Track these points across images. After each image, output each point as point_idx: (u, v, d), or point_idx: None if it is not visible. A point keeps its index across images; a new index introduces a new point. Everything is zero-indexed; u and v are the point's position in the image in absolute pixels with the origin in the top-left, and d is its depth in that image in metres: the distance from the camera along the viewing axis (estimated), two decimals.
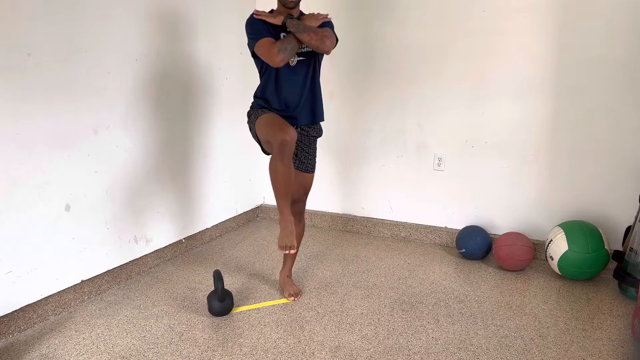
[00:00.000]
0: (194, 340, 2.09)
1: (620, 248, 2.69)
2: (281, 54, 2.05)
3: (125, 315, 2.30)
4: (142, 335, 2.13)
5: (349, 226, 3.55)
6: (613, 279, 2.62)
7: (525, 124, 2.94)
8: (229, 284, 2.60)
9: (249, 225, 3.66)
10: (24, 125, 2.08)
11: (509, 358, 1.96)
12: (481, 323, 2.24)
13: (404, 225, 3.38)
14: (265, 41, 2.11)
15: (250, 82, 2.57)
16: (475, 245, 2.95)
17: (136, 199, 2.68)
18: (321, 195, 3.54)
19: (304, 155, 2.36)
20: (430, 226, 3.31)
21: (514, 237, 2.82)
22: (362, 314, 2.32)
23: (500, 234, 3.02)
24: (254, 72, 2.34)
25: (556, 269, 2.68)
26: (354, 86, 3.36)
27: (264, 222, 3.75)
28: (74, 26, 2.25)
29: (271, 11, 2.25)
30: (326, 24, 2.23)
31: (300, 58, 2.22)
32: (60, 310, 2.32)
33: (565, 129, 2.85)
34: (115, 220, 2.56)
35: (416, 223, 3.37)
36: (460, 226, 3.21)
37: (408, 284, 2.65)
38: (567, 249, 2.58)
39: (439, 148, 3.20)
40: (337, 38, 2.25)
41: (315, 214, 3.62)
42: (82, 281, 2.42)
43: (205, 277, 2.71)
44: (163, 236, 2.91)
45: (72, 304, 2.38)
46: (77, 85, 2.29)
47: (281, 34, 2.17)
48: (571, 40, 2.76)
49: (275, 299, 2.47)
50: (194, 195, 3.14)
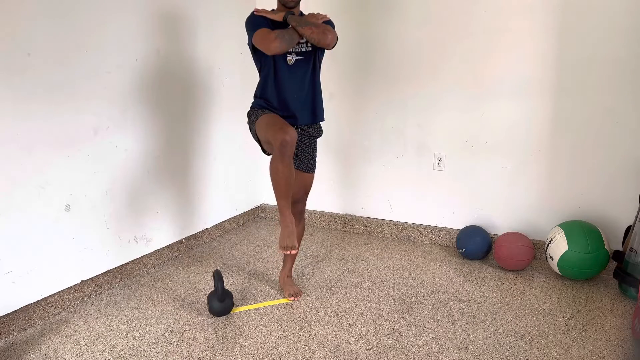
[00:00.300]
0: (194, 340, 2.09)
1: (620, 248, 2.69)
2: (278, 40, 2.01)
3: (125, 315, 2.30)
4: (142, 335, 2.13)
5: (349, 226, 3.55)
6: (613, 279, 2.63)
7: (525, 123, 2.94)
8: (229, 284, 2.60)
9: (249, 225, 3.66)
10: (24, 125, 2.08)
11: (509, 358, 1.96)
12: (481, 323, 2.24)
13: (404, 225, 3.38)
14: (262, 30, 2.09)
15: (250, 82, 2.57)
16: (475, 245, 2.95)
17: (136, 199, 2.68)
18: (321, 195, 3.54)
19: (304, 156, 2.36)
20: (430, 226, 3.32)
21: (514, 237, 2.82)
22: (362, 314, 2.32)
23: (500, 234, 3.03)
24: (254, 72, 2.33)
25: (556, 269, 2.68)
26: (354, 86, 3.36)
27: (264, 222, 3.75)
28: (74, 26, 2.24)
29: (272, 11, 2.25)
30: (327, 23, 2.22)
31: (299, 57, 2.21)
32: (60, 310, 2.32)
33: (565, 129, 2.85)
34: (115, 220, 2.56)
35: (416, 223, 3.37)
36: (460, 226, 3.21)
37: (408, 284, 2.65)
38: (567, 249, 2.58)
39: (439, 148, 3.20)
40: (337, 37, 2.25)
41: (315, 214, 3.62)
42: (82, 281, 2.42)
43: (205, 277, 2.72)
44: (163, 236, 2.91)
45: (72, 304, 2.38)
46: (77, 85, 2.29)
47: None
48: (571, 40, 2.76)
49: (275, 299, 2.47)
50: (194, 195, 3.14)
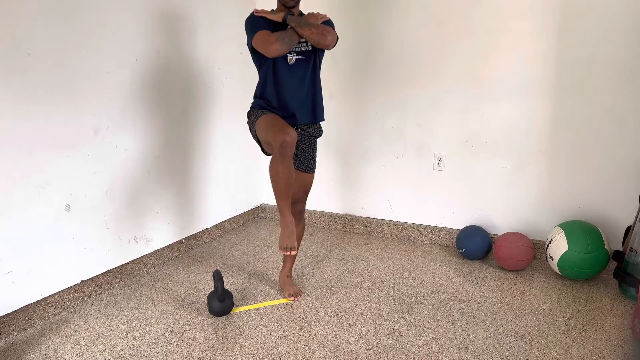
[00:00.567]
0: (194, 340, 2.09)
1: (620, 248, 2.69)
2: (278, 42, 2.03)
3: (125, 315, 2.30)
4: (142, 335, 2.13)
5: (349, 226, 3.55)
6: (613, 279, 2.63)
7: (525, 123, 2.94)
8: (229, 284, 2.60)
9: (249, 225, 3.66)
10: (24, 126, 2.08)
11: (509, 358, 1.96)
12: (481, 323, 2.24)
13: (404, 225, 3.38)
14: (262, 32, 2.10)
15: (250, 82, 2.57)
16: (475, 245, 2.95)
17: (136, 199, 2.68)
18: (321, 195, 3.54)
19: (304, 156, 2.35)
20: (430, 226, 3.31)
21: (514, 237, 2.82)
22: (362, 314, 2.32)
23: (500, 234, 3.03)
24: (254, 72, 2.33)
25: (556, 269, 2.68)
26: (354, 86, 3.36)
27: (264, 222, 3.75)
28: (74, 26, 2.24)
29: (271, 11, 2.25)
30: (326, 23, 2.23)
31: (300, 57, 2.21)
32: (60, 310, 2.32)
33: (565, 129, 2.85)
34: (115, 220, 2.56)
35: (416, 223, 3.37)
36: (460, 226, 3.21)
37: (408, 284, 2.65)
38: (567, 249, 2.58)
39: (439, 148, 3.20)
40: (337, 37, 2.25)
41: (315, 214, 3.62)
42: (82, 281, 2.42)
43: (205, 277, 2.72)
44: (163, 236, 2.91)
45: (72, 304, 2.38)
46: (77, 85, 2.29)
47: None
48: (571, 40, 2.76)
49: (275, 299, 2.47)
50: (194, 195, 3.14)
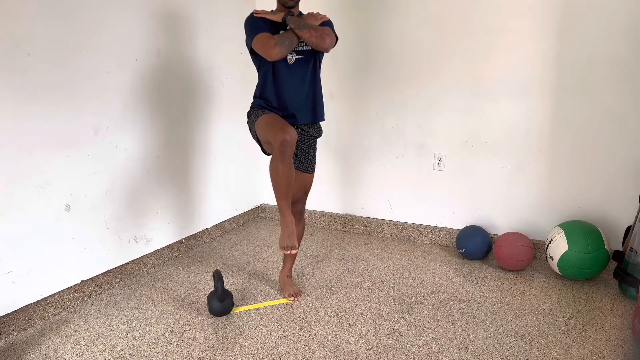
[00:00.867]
0: (194, 340, 2.09)
1: (620, 248, 2.69)
2: (278, 46, 2.03)
3: (125, 315, 2.30)
4: (142, 335, 2.13)
5: (349, 226, 3.55)
6: (613, 279, 2.63)
7: (525, 123, 2.94)
8: (229, 284, 2.60)
9: (249, 225, 3.66)
10: (24, 126, 2.08)
11: (509, 358, 1.96)
12: (481, 323, 2.24)
13: (404, 225, 3.38)
14: (262, 35, 2.10)
15: (250, 82, 2.57)
16: (475, 245, 2.95)
17: (136, 199, 2.68)
18: (321, 195, 3.54)
19: (303, 156, 2.35)
20: (430, 226, 3.31)
21: (514, 237, 2.82)
22: (362, 314, 2.32)
23: (500, 234, 3.03)
24: (254, 72, 2.33)
25: (556, 269, 2.68)
26: (354, 86, 3.36)
27: (264, 222, 3.75)
28: (74, 26, 2.24)
29: (271, 11, 2.25)
30: (326, 24, 2.23)
31: (299, 57, 2.21)
32: (60, 310, 2.32)
33: (565, 129, 2.85)
34: (115, 220, 2.56)
35: (416, 223, 3.37)
36: (460, 226, 3.21)
37: (408, 284, 2.65)
38: (567, 249, 2.58)
39: (439, 148, 3.20)
40: (337, 37, 2.26)
41: (315, 214, 3.62)
42: (82, 281, 2.42)
43: (205, 277, 2.72)
44: (163, 236, 2.91)
45: (72, 304, 2.38)
46: (77, 85, 2.29)
47: (280, 32, 2.16)
48: (571, 40, 2.76)
49: (275, 299, 2.47)
50: (194, 195, 3.14)
